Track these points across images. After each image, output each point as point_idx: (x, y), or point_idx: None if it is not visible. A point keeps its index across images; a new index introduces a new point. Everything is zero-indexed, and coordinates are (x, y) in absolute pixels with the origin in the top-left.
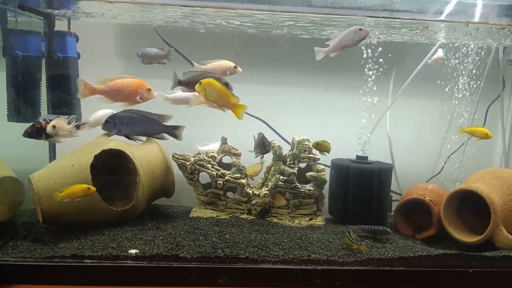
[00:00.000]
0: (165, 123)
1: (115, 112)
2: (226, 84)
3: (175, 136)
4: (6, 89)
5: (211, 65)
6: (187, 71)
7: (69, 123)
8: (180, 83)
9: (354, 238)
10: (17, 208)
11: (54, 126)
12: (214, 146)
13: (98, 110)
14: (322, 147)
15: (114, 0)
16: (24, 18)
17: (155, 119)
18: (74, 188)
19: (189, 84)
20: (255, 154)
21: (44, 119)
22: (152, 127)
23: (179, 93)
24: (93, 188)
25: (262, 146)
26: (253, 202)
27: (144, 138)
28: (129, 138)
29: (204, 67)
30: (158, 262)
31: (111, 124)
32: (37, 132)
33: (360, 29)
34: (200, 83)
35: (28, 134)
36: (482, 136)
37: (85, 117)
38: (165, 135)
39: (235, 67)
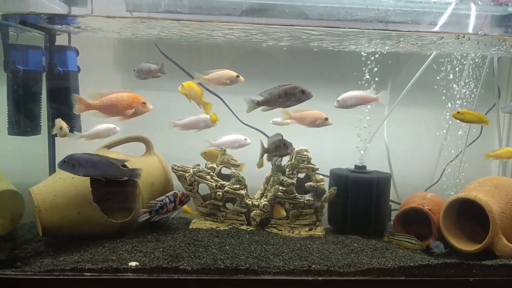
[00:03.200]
0: (123, 167)
1: (116, 127)
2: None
3: (134, 177)
4: (7, 103)
5: (213, 75)
6: (263, 91)
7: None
8: (258, 104)
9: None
10: (16, 221)
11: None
12: (228, 138)
13: (99, 123)
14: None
15: (113, 16)
16: (25, 33)
17: (114, 163)
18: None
19: (268, 102)
20: (272, 158)
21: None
22: (111, 170)
23: (188, 118)
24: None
25: (284, 147)
26: (252, 214)
27: None
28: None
29: (206, 76)
30: (158, 274)
31: (69, 165)
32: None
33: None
34: (182, 85)
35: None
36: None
37: (86, 129)
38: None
39: (237, 76)
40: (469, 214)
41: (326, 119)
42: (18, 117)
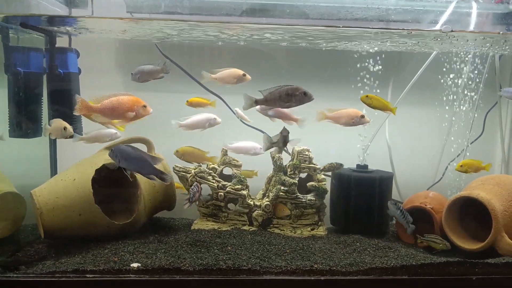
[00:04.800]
0: (155, 166)
1: (117, 132)
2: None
3: (163, 180)
4: (8, 105)
5: (220, 73)
6: (263, 90)
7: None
8: (257, 102)
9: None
10: (18, 223)
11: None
12: (244, 144)
13: (101, 126)
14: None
15: (114, 17)
16: (25, 35)
17: (148, 160)
18: None
19: (267, 101)
20: (276, 150)
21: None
22: (145, 167)
23: (192, 118)
24: None
25: (286, 131)
26: (254, 214)
27: None
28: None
29: (213, 76)
30: (161, 276)
31: (113, 154)
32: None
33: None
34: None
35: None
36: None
37: (87, 131)
38: (154, 176)
39: (244, 74)
40: (472, 212)
41: (363, 116)
42: (19, 119)
